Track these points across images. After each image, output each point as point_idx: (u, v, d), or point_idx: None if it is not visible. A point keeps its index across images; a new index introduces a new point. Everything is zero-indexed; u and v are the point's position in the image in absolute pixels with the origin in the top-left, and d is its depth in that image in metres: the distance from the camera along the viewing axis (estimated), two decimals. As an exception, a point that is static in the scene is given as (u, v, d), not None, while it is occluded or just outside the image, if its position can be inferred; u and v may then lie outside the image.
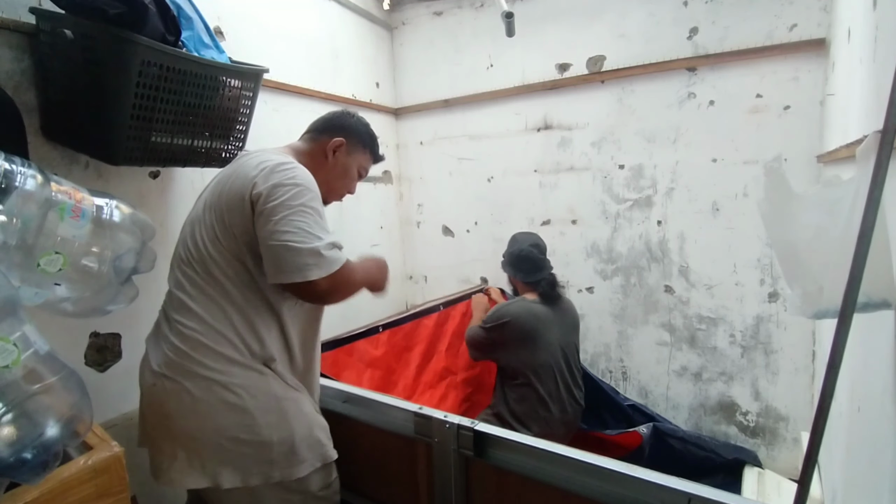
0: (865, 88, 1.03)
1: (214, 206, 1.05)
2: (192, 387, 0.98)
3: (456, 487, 1.12)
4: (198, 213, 1.10)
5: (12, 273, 0.83)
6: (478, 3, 2.50)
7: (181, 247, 1.09)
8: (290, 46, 2.05)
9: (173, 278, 1.09)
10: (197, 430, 0.98)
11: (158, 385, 1.00)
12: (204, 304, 1.02)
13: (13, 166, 0.86)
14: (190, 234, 1.08)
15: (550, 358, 1.80)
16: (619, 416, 2.05)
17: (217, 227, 1.03)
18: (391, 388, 1.94)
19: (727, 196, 2.00)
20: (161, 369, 1.01)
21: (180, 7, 1.27)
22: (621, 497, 0.90)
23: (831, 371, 0.62)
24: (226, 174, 1.11)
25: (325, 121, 1.27)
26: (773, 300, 1.96)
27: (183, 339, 1.00)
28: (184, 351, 0.99)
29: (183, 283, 1.04)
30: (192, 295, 1.03)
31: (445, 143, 2.69)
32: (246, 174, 1.02)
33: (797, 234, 0.75)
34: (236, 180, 1.04)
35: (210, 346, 0.99)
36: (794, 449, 1.97)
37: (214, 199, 1.06)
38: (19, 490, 0.81)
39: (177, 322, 1.02)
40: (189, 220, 1.14)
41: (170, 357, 1.00)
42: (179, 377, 0.99)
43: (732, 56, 1.91)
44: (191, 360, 0.99)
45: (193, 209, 1.16)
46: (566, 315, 1.92)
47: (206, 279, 1.03)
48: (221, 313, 1.01)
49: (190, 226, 1.10)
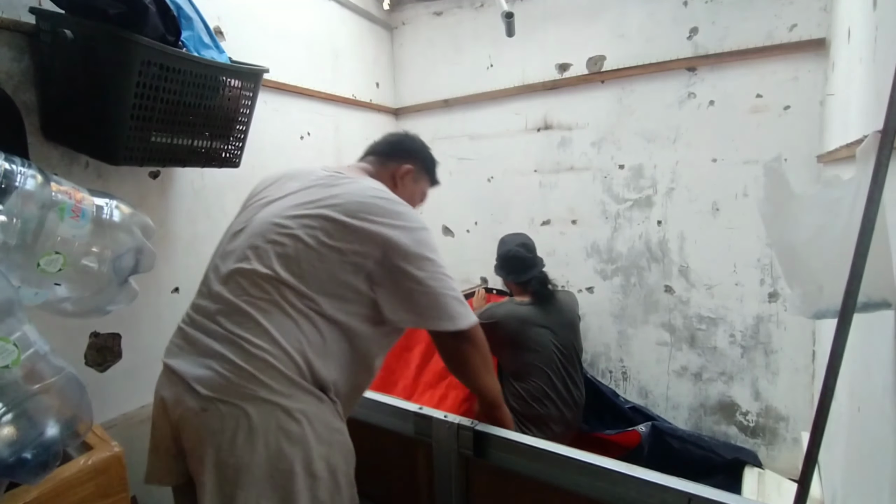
0: (865, 88, 1.03)
1: (324, 228, 0.95)
2: (252, 411, 0.86)
3: (456, 487, 1.12)
4: (281, 224, 0.97)
5: (12, 273, 0.83)
6: (478, 3, 2.50)
7: (254, 256, 0.95)
8: (290, 46, 2.05)
9: (234, 287, 0.94)
10: (249, 461, 0.86)
11: (211, 410, 0.86)
12: (279, 323, 0.91)
13: (13, 166, 0.86)
14: (272, 241, 0.95)
15: (541, 358, 1.80)
16: (619, 418, 2.05)
17: (322, 250, 0.94)
18: (391, 388, 1.94)
19: (727, 196, 2.00)
20: (212, 392, 0.87)
21: (180, 7, 1.27)
22: (621, 497, 0.90)
23: (831, 371, 0.62)
24: (329, 193, 1.00)
25: (391, 144, 1.24)
26: (773, 300, 1.96)
27: (248, 358, 0.88)
28: (249, 372, 0.87)
29: (253, 294, 0.92)
30: (266, 310, 0.91)
31: (445, 143, 2.69)
32: (371, 209, 0.96)
33: (797, 234, 0.75)
34: (359, 211, 0.96)
35: (278, 367, 0.89)
36: (794, 449, 1.97)
37: (322, 220, 0.96)
38: (19, 490, 0.82)
39: (239, 338, 0.89)
40: (258, 227, 0.99)
41: (227, 377, 0.87)
42: (238, 400, 0.86)
43: (732, 56, 1.91)
44: (256, 381, 0.87)
45: (261, 216, 1.02)
46: (561, 314, 1.90)
47: (288, 293, 0.92)
48: (296, 333, 0.91)
49: (263, 236, 0.97)
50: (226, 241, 1.05)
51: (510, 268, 1.93)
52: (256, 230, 0.99)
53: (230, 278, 0.96)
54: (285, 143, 2.03)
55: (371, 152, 1.25)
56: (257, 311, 0.91)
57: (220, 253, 1.03)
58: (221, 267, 0.99)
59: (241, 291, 0.93)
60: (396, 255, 0.95)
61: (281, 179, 1.12)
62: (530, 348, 1.80)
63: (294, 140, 2.08)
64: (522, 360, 1.80)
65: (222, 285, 0.96)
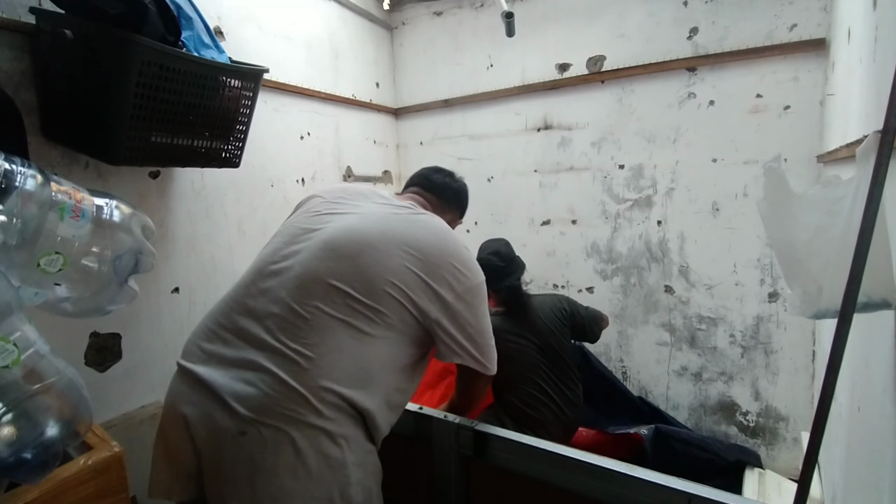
0: (865, 88, 1.03)
1: (405, 259, 0.92)
2: (299, 437, 0.79)
3: (456, 487, 1.12)
4: (358, 241, 0.93)
5: (12, 273, 0.83)
6: (478, 3, 2.50)
7: (335, 264, 0.89)
8: (290, 46, 2.05)
9: (301, 293, 0.87)
10: (291, 489, 0.79)
11: (251, 434, 0.79)
12: (342, 342, 0.85)
13: (13, 166, 0.86)
14: (362, 255, 0.90)
15: (523, 367, 1.75)
16: (628, 405, 2.07)
17: (395, 277, 0.90)
18: (391, 389, 1.93)
19: (727, 196, 2.00)
20: (253, 413, 0.79)
21: (180, 7, 1.27)
22: (621, 497, 0.90)
23: (831, 371, 0.62)
24: (413, 223, 0.99)
25: (455, 194, 1.25)
26: (773, 300, 1.96)
27: (300, 377, 0.81)
28: (300, 394, 0.80)
29: (323, 307, 0.86)
30: (331, 327, 0.85)
31: (445, 143, 2.69)
32: (445, 247, 0.97)
33: (797, 234, 0.75)
34: (434, 249, 0.95)
35: (331, 389, 0.82)
36: (794, 449, 1.97)
37: (398, 248, 0.92)
38: (19, 490, 0.82)
39: (295, 352, 0.82)
40: (344, 234, 0.94)
41: (273, 398, 0.80)
42: (283, 424, 0.79)
43: (732, 56, 1.91)
44: (307, 405, 0.80)
45: (347, 218, 0.98)
46: (538, 319, 1.83)
47: (361, 315, 0.87)
48: (356, 355, 0.86)
49: (335, 251, 0.91)
50: (288, 237, 0.98)
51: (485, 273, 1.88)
52: (335, 239, 0.93)
53: (297, 282, 0.88)
54: (285, 143, 2.03)
55: (431, 188, 1.23)
56: (322, 326, 0.84)
57: (277, 251, 0.96)
58: (282, 267, 0.91)
59: (309, 298, 0.86)
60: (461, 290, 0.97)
61: (346, 191, 1.09)
62: (510, 357, 1.71)
63: (294, 140, 2.08)
64: (505, 370, 1.73)
65: (283, 288, 0.88)
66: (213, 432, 0.81)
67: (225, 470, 0.81)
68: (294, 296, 0.87)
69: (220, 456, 0.81)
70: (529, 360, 1.78)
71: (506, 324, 1.79)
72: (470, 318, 0.97)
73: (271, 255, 0.97)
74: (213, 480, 0.84)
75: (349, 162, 2.40)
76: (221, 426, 0.80)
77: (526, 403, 1.75)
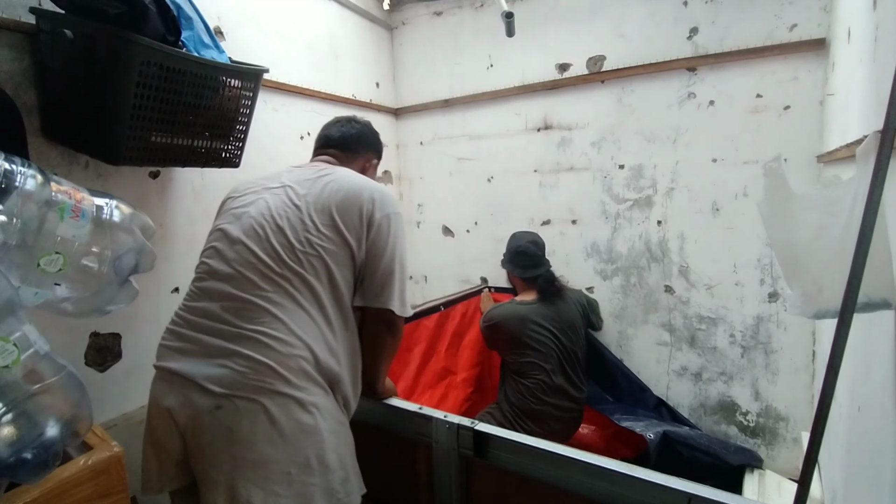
0: (865, 88, 1.03)
1: (325, 215, 1.00)
2: (271, 405, 0.87)
3: (456, 487, 1.12)
4: (285, 213, 1.01)
5: (12, 273, 0.83)
6: (478, 3, 2.49)
7: (260, 249, 0.97)
8: (290, 46, 2.05)
9: (243, 283, 0.95)
10: (268, 456, 0.86)
11: (226, 407, 0.86)
12: (293, 312, 0.93)
13: (13, 166, 0.86)
14: (275, 234, 0.98)
15: (540, 356, 1.83)
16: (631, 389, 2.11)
17: (334, 236, 0.99)
18: (391, 389, 1.94)
19: (727, 196, 2.00)
20: (227, 389, 0.87)
21: (180, 7, 1.27)
22: (621, 497, 0.90)
23: (831, 371, 0.62)
24: (322, 183, 1.06)
25: (358, 138, 1.28)
26: (773, 300, 1.96)
27: (266, 351, 0.89)
28: (267, 365, 0.88)
29: (265, 289, 0.94)
30: (279, 303, 0.93)
31: (445, 143, 2.69)
32: (358, 194, 1.05)
33: (797, 234, 0.75)
34: (346, 198, 1.03)
35: (296, 358, 0.91)
36: (794, 449, 1.97)
37: (322, 207, 1.01)
38: (19, 490, 0.81)
39: (256, 332, 0.90)
40: (259, 220, 1.01)
41: (244, 373, 0.87)
42: (254, 394, 0.87)
43: (732, 56, 1.91)
44: (274, 374, 0.88)
45: (257, 204, 1.05)
46: (564, 313, 1.93)
47: (299, 284, 0.95)
48: (311, 325, 0.94)
49: (263, 228, 1.00)
50: (218, 243, 1.05)
51: (518, 262, 1.97)
52: (255, 227, 1.01)
53: (236, 276, 0.96)
54: (285, 143, 2.03)
55: (335, 144, 1.26)
56: (272, 305, 0.92)
57: (213, 254, 1.03)
58: (220, 267, 1.00)
59: (252, 287, 0.94)
60: (374, 225, 1.04)
61: (258, 180, 1.15)
62: (530, 346, 1.83)
63: (294, 140, 2.08)
64: (523, 357, 1.83)
65: (225, 283, 0.97)
66: (192, 413, 0.88)
67: (206, 447, 0.88)
68: (243, 288, 0.95)
69: (200, 434, 0.88)
70: (546, 351, 1.85)
71: (533, 312, 1.89)
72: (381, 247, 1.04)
73: (208, 259, 1.04)
74: (198, 460, 0.90)
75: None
76: (199, 405, 0.88)
77: (532, 393, 1.80)
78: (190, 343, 0.95)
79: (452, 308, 2.26)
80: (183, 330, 0.97)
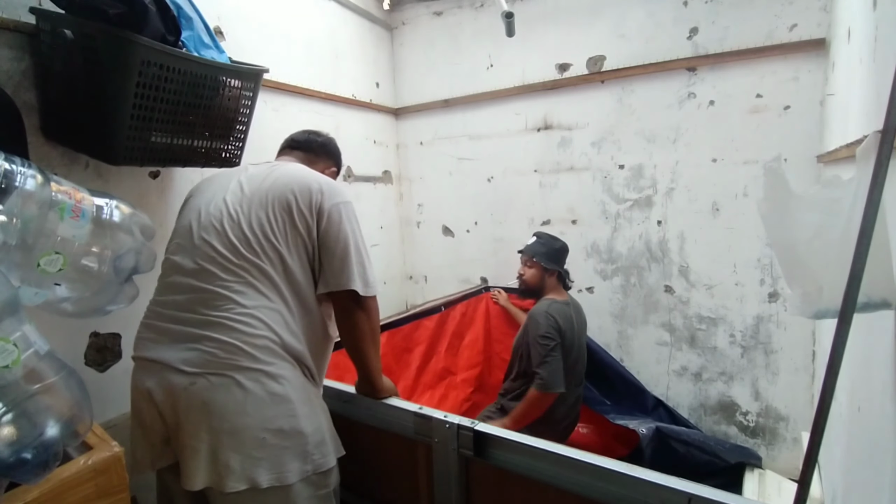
0: (865, 88, 1.03)
1: (278, 205, 1.07)
2: (242, 379, 0.95)
3: (456, 487, 1.12)
4: (240, 208, 1.07)
5: (12, 273, 0.83)
6: (478, 3, 2.50)
7: (219, 243, 1.04)
8: (290, 46, 2.05)
9: (206, 276, 1.02)
10: (242, 424, 0.94)
11: (199, 383, 0.94)
12: (253, 298, 1.01)
13: (13, 166, 0.86)
14: (232, 229, 1.04)
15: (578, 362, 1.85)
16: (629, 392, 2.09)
17: (285, 227, 1.06)
18: (391, 389, 1.94)
19: (727, 196, 2.00)
20: (199, 368, 0.95)
21: (180, 7, 1.27)
22: (621, 497, 0.90)
23: (831, 371, 0.62)
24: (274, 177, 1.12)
25: (321, 145, 1.34)
26: (773, 300, 1.96)
27: (232, 333, 0.96)
28: (234, 345, 0.96)
29: (227, 279, 1.01)
30: (241, 291, 1.00)
31: (445, 143, 2.69)
32: (307, 186, 1.10)
33: (797, 234, 0.75)
34: (295, 189, 1.09)
35: (260, 337, 0.98)
36: (794, 449, 1.97)
37: (274, 199, 1.07)
38: (19, 490, 0.81)
39: (221, 318, 0.98)
40: (217, 215, 1.07)
41: (213, 353, 0.95)
42: (228, 371, 0.95)
43: (732, 56, 1.91)
44: (241, 353, 0.96)
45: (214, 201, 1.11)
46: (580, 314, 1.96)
47: (256, 273, 1.02)
48: (271, 310, 1.02)
49: (221, 222, 1.06)
50: (180, 239, 1.10)
51: (563, 261, 1.98)
52: (213, 222, 1.07)
53: (199, 270, 1.03)
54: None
55: (300, 146, 1.33)
56: (234, 294, 1.00)
57: (177, 250, 1.09)
58: (184, 262, 1.06)
59: (214, 278, 1.01)
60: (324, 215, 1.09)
61: (216, 179, 1.19)
62: (574, 349, 1.83)
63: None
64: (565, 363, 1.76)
65: (190, 277, 1.03)
66: (168, 391, 0.96)
67: (184, 421, 0.95)
68: (206, 280, 1.01)
69: (178, 409, 0.95)
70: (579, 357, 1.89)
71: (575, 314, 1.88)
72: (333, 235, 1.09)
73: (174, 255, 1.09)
74: (177, 437, 0.97)
75: (349, 162, 2.40)
76: (174, 383, 0.95)
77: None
78: (162, 334, 1.01)
79: (452, 308, 2.26)
80: (155, 322, 1.04)
